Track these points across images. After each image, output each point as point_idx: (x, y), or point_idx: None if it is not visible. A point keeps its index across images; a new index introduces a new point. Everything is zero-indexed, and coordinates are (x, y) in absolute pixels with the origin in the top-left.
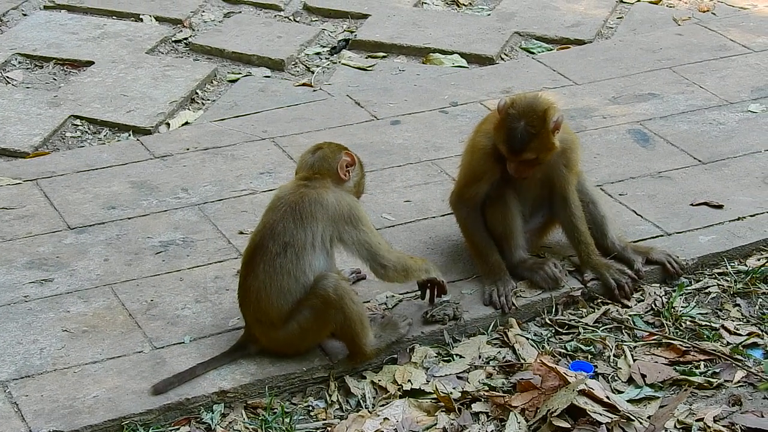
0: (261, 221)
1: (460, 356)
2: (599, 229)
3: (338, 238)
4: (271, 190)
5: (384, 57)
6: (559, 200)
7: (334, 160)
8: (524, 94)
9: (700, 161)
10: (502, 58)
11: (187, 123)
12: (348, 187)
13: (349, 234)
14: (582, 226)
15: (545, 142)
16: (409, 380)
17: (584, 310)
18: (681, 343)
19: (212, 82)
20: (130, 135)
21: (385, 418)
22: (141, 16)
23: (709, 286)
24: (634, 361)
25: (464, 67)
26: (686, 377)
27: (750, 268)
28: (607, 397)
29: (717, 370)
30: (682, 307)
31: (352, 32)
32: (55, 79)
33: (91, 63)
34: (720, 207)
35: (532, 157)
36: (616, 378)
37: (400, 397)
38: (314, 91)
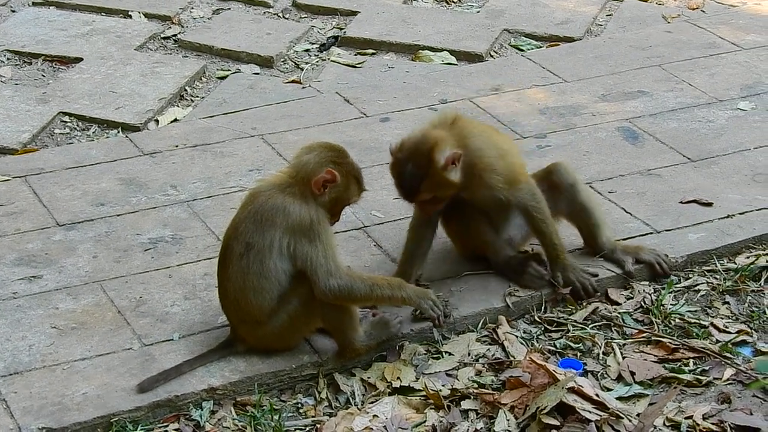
0: (233, 218)
1: (450, 353)
2: (590, 233)
3: (293, 247)
4: None
5: (373, 54)
6: (515, 208)
7: (314, 173)
8: (413, 135)
9: (689, 159)
10: (492, 56)
11: (176, 120)
12: (321, 201)
13: (301, 246)
14: (545, 228)
15: (437, 180)
16: (398, 377)
17: (573, 307)
18: (670, 340)
19: (201, 79)
20: (118, 132)
21: (375, 416)
22: (130, 13)
23: (698, 284)
24: (624, 358)
25: (453, 64)
26: (675, 375)
27: (739, 266)
28: (597, 395)
29: (706, 368)
30: (671, 304)
31: (341, 29)
32: (43, 76)
33: (79, 59)
34: (709, 205)
35: (428, 198)
36: (605, 375)
37: (390, 394)
38: (303, 88)
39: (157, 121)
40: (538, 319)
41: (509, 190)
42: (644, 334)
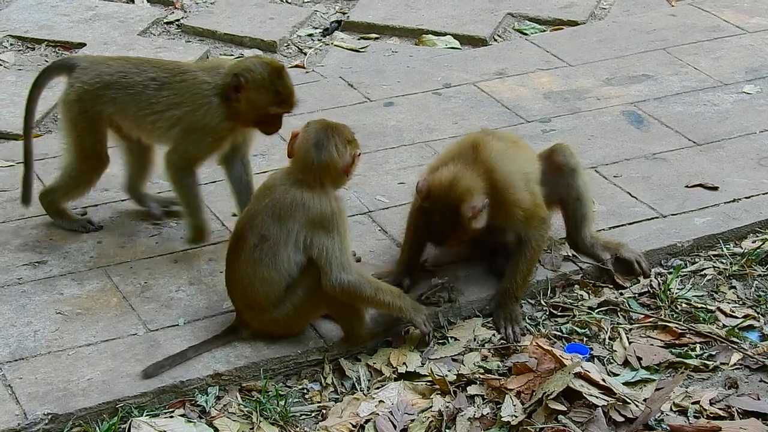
0: (246, 208)
1: (455, 339)
2: (576, 224)
3: (310, 239)
4: (264, 172)
5: (377, 38)
6: (517, 237)
7: (342, 162)
8: (441, 180)
9: (694, 143)
10: (495, 40)
11: None
12: (341, 186)
13: (318, 237)
14: (526, 264)
15: (464, 230)
16: (404, 363)
17: (580, 292)
18: (677, 325)
19: None
20: None
21: (380, 401)
22: None
23: (704, 269)
24: (630, 343)
25: (457, 48)
26: (682, 360)
27: (745, 250)
28: (603, 380)
29: (713, 353)
30: (677, 289)
31: (344, 13)
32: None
33: (83, 45)
34: (715, 189)
35: (454, 244)
36: (611, 361)
37: (395, 379)
38: (307, 72)
39: None
40: (543, 304)
41: (525, 224)
42: (650, 319)
